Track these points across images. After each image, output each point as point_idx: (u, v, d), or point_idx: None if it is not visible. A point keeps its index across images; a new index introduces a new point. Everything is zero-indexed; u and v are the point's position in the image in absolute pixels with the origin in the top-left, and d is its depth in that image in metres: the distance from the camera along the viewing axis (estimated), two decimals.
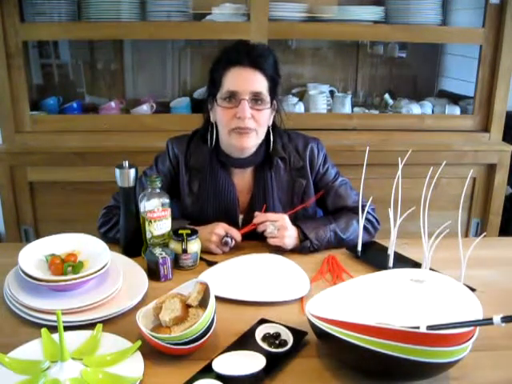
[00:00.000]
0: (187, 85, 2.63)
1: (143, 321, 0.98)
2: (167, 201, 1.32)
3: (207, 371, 0.89)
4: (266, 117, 1.40)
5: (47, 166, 2.18)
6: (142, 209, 1.32)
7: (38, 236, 2.18)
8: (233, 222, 1.45)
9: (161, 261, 1.22)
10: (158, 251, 1.25)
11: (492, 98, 2.33)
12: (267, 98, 1.38)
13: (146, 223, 1.30)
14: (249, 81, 1.35)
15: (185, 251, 1.29)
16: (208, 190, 1.48)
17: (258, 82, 1.36)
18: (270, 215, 1.38)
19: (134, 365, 0.91)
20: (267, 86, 1.38)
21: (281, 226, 1.35)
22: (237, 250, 1.39)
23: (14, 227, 2.25)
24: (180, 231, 1.31)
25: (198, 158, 1.49)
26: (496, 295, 1.19)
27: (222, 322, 1.02)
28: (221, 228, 1.37)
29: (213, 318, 0.97)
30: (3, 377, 0.88)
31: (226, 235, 1.37)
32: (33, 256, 1.15)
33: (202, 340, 0.94)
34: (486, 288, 1.20)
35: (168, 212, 1.32)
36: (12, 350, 0.94)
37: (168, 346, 0.92)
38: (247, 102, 1.34)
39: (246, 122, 1.35)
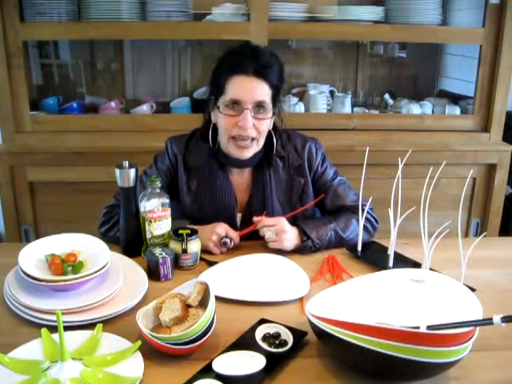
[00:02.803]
0: (187, 85, 2.63)
1: (143, 321, 0.98)
2: (167, 201, 1.32)
3: (207, 371, 0.89)
4: (267, 125, 1.40)
5: (47, 166, 2.18)
6: (142, 209, 1.31)
7: (38, 236, 2.18)
8: (231, 222, 1.45)
9: (161, 261, 1.22)
10: (157, 251, 1.25)
11: (492, 98, 2.33)
12: (269, 105, 1.38)
13: (146, 223, 1.30)
14: (252, 90, 1.34)
15: (185, 251, 1.29)
16: (206, 189, 1.48)
17: (262, 92, 1.36)
18: (268, 220, 1.38)
19: (134, 365, 0.91)
20: (270, 94, 1.38)
21: (279, 230, 1.35)
22: (237, 250, 1.39)
23: (14, 227, 2.25)
24: (180, 231, 1.31)
25: (196, 157, 1.49)
26: (496, 295, 1.20)
27: (222, 322, 1.02)
28: (221, 228, 1.37)
29: (213, 318, 0.97)
30: (3, 377, 0.88)
31: (226, 236, 1.37)
32: (33, 256, 1.15)
33: (202, 340, 0.94)
34: (486, 288, 1.20)
35: (168, 212, 1.32)
36: (12, 350, 0.94)
37: (168, 345, 0.92)
38: (250, 111, 1.34)
39: (248, 131, 1.35)
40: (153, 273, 1.23)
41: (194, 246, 1.30)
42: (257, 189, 1.48)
